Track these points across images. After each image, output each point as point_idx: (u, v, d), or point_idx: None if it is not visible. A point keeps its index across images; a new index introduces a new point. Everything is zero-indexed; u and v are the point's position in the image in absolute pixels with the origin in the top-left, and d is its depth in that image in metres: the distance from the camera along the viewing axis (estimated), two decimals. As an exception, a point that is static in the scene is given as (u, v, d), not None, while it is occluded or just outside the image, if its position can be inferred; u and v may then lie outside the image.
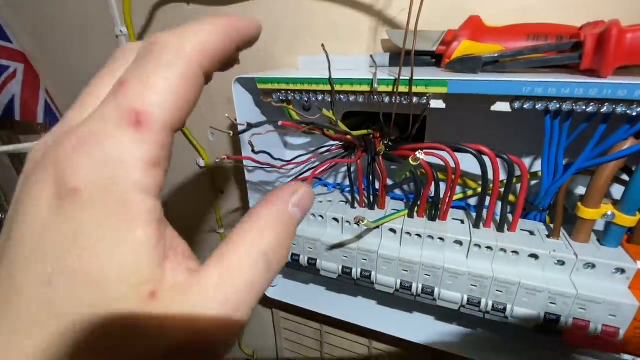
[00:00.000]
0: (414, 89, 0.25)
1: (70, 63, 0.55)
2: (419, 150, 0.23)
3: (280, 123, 0.22)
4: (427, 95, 0.25)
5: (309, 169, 0.34)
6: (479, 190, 0.29)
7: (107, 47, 0.49)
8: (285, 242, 0.12)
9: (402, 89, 0.25)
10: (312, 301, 0.42)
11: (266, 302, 0.57)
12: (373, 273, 0.32)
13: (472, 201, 0.34)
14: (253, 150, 0.30)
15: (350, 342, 0.51)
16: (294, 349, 0.58)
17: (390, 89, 0.25)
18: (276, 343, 0.59)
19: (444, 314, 0.38)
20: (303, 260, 0.35)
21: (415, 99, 0.26)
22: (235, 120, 0.29)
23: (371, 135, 0.32)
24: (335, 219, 0.34)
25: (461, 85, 0.23)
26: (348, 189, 0.36)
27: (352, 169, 0.33)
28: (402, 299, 0.32)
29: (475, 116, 0.31)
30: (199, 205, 0.56)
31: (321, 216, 0.34)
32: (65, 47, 0.54)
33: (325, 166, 0.31)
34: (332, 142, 0.35)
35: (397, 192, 0.39)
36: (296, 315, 0.53)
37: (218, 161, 0.25)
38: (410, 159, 0.24)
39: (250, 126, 0.21)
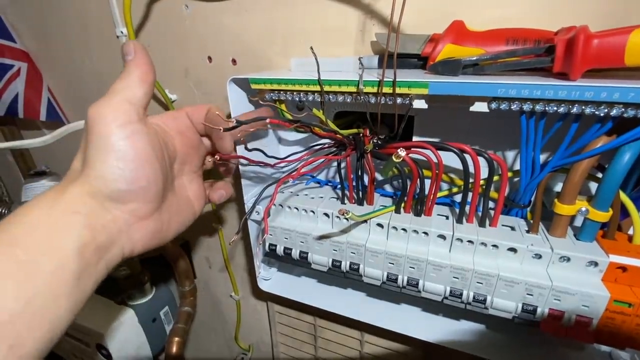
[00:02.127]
0: (398, 90, 0.26)
1: (72, 63, 0.57)
2: (401, 148, 0.24)
3: (267, 120, 0.23)
4: (410, 96, 0.27)
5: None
6: (464, 187, 0.30)
7: (108, 47, 0.51)
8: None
9: (387, 89, 0.26)
10: (304, 294, 0.43)
11: (261, 295, 0.59)
12: (361, 266, 0.34)
13: (458, 198, 0.35)
14: (246, 148, 0.31)
15: (343, 335, 0.52)
16: (288, 343, 0.59)
17: (375, 89, 0.27)
18: (271, 338, 0.61)
19: (429, 305, 0.40)
20: (295, 253, 0.36)
21: (399, 100, 0.27)
22: (228, 117, 0.31)
23: (361, 134, 0.33)
24: (326, 214, 0.35)
25: (441, 87, 0.25)
26: (340, 185, 0.37)
27: (342, 165, 0.34)
28: (390, 291, 0.33)
29: (461, 116, 0.33)
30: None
31: (312, 211, 0.35)
32: (68, 47, 0.56)
33: (313, 163, 0.32)
34: (325, 140, 0.36)
35: (388, 189, 0.40)
36: (290, 308, 0.54)
37: (210, 161, 0.27)
38: (392, 157, 0.25)
39: (239, 123, 0.23)
